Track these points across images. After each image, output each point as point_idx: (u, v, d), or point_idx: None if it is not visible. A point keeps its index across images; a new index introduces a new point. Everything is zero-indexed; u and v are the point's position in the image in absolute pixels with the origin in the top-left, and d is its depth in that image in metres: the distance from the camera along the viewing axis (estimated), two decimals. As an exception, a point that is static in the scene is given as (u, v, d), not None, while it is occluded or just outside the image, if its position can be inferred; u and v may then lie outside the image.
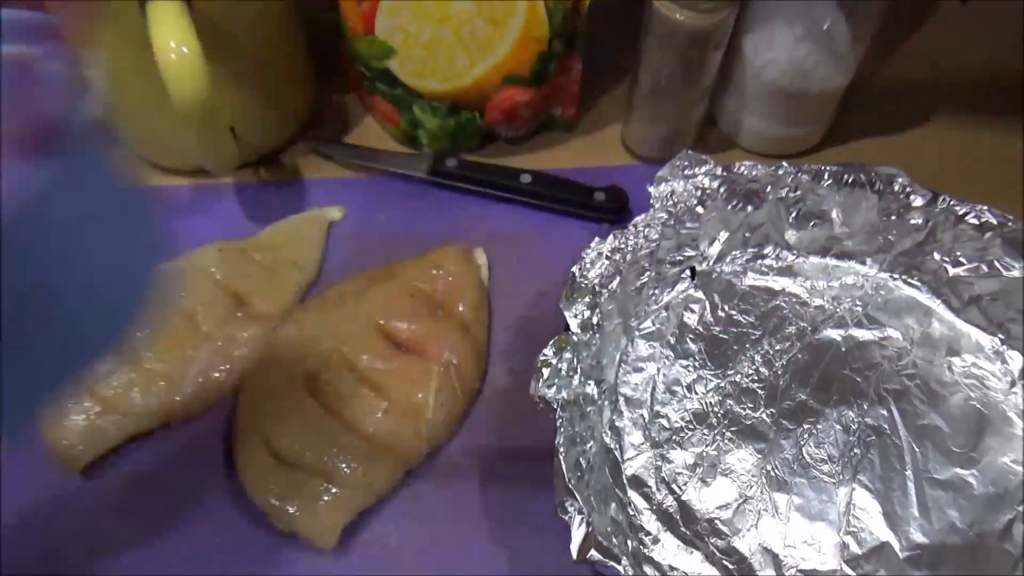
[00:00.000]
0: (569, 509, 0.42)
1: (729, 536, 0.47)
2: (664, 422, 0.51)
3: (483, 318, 0.56)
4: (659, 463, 0.49)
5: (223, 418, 0.52)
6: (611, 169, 0.66)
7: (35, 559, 0.46)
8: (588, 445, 0.45)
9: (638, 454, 0.50)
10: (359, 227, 0.62)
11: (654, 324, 0.55)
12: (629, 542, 0.44)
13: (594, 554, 0.41)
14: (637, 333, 0.54)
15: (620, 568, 0.40)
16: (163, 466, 0.50)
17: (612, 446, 0.49)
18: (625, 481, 0.49)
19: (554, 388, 0.46)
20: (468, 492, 0.49)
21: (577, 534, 0.42)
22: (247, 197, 0.64)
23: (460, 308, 0.55)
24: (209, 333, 0.53)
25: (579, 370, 0.47)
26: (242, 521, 0.47)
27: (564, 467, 0.43)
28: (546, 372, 0.46)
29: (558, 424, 0.44)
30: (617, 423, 0.51)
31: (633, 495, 0.48)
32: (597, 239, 0.52)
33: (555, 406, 0.45)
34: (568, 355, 0.47)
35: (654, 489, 0.48)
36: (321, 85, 0.68)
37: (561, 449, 0.43)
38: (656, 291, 0.55)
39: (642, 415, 0.51)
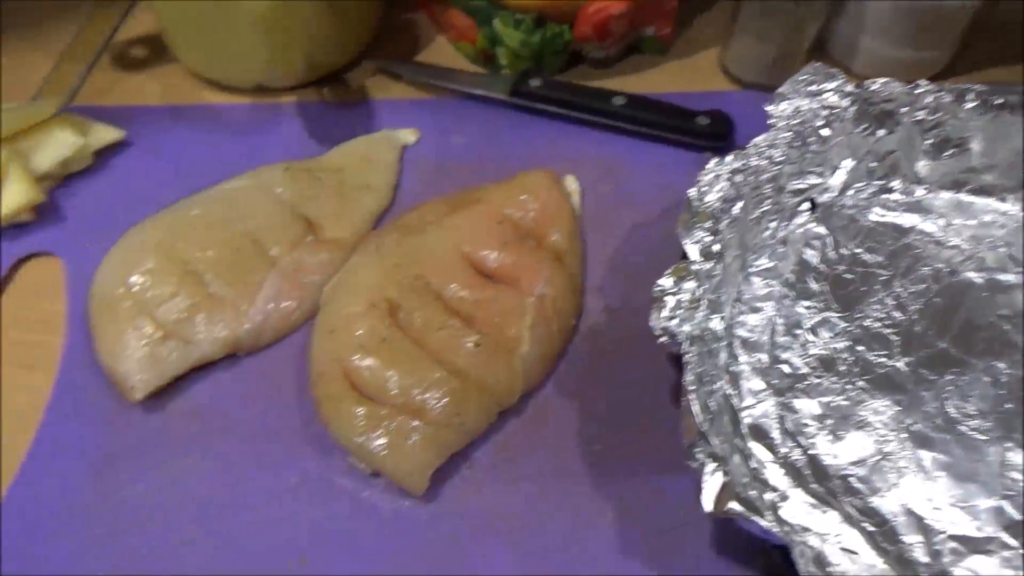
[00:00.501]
0: (698, 455, 0.37)
1: (867, 495, 0.41)
2: (786, 368, 0.45)
3: (578, 248, 0.50)
4: (782, 412, 0.44)
5: (294, 350, 0.47)
6: (707, 96, 0.60)
7: (91, 494, 0.41)
8: (716, 385, 0.40)
9: (758, 402, 0.44)
10: (433, 151, 0.57)
11: (770, 260, 0.49)
12: (765, 495, 0.39)
13: (733, 506, 0.35)
14: (752, 269, 0.48)
15: (763, 522, 0.35)
16: (230, 399, 0.45)
17: (729, 392, 0.44)
18: (745, 430, 0.43)
19: (676, 320, 0.40)
20: (566, 438, 0.44)
21: (712, 483, 0.36)
22: (311, 118, 0.58)
23: (553, 237, 0.49)
24: (278, 258, 0.48)
25: (703, 302, 0.41)
26: (320, 460, 0.43)
27: (696, 408, 0.37)
28: (670, 303, 0.40)
29: (686, 361, 0.39)
30: (732, 367, 0.45)
31: (755, 446, 0.42)
32: (715, 159, 0.46)
33: (680, 339, 0.39)
34: (690, 285, 0.42)
35: (778, 441, 0.43)
36: (387, 2, 0.62)
37: (691, 388, 0.38)
38: (773, 223, 0.49)
39: (760, 359, 0.45)
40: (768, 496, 0.39)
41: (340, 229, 0.50)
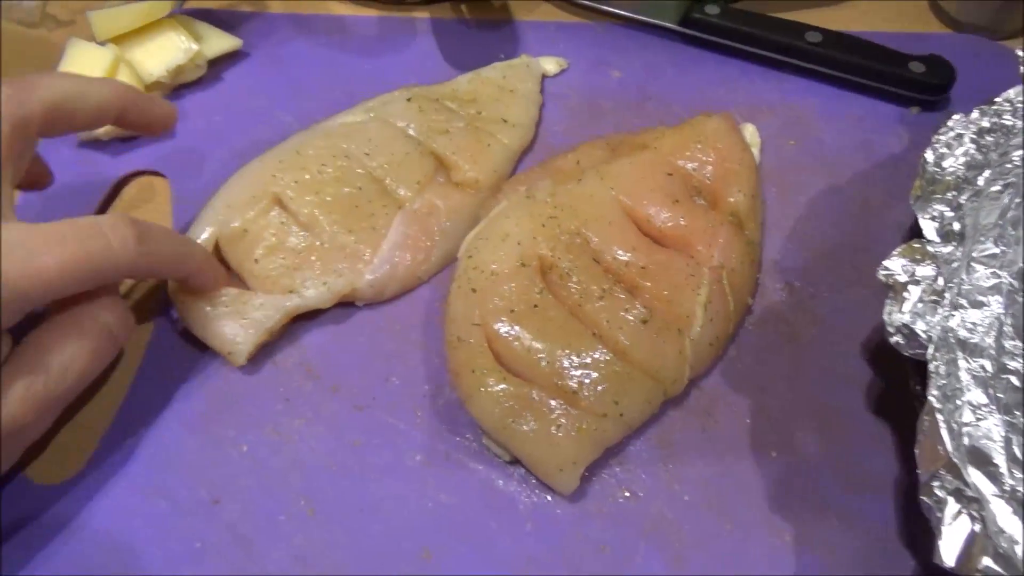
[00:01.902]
0: (938, 492, 0.29)
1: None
2: (1015, 379, 0.36)
3: (759, 213, 0.42)
4: (1009, 434, 0.35)
5: (421, 305, 0.41)
6: (914, 38, 0.50)
7: (189, 452, 0.36)
8: (961, 402, 0.32)
9: (978, 419, 0.36)
10: (584, 85, 0.49)
11: (998, 245, 0.39)
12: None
13: (988, 564, 0.28)
14: (976, 254, 0.39)
15: (1025, 587, 0.27)
16: (345, 356, 0.39)
17: (958, 386, 0.36)
18: (962, 453, 0.35)
19: (909, 316, 0.32)
20: (736, 440, 0.37)
21: (955, 530, 0.29)
22: (445, 36, 0.51)
23: (732, 197, 0.41)
24: (404, 201, 0.41)
25: (946, 296, 0.33)
26: (450, 437, 0.37)
27: (944, 432, 0.30)
28: (913, 293, 0.32)
29: (931, 371, 0.31)
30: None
31: (973, 474, 0.34)
32: (957, 116, 0.37)
33: (924, 342, 0.31)
34: (926, 271, 0.33)
35: (1003, 469, 0.35)
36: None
37: (938, 406, 0.30)
38: (1006, 198, 0.40)
39: (983, 366, 0.37)
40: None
41: (476, 169, 0.43)
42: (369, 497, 0.35)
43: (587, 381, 0.35)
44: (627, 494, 0.36)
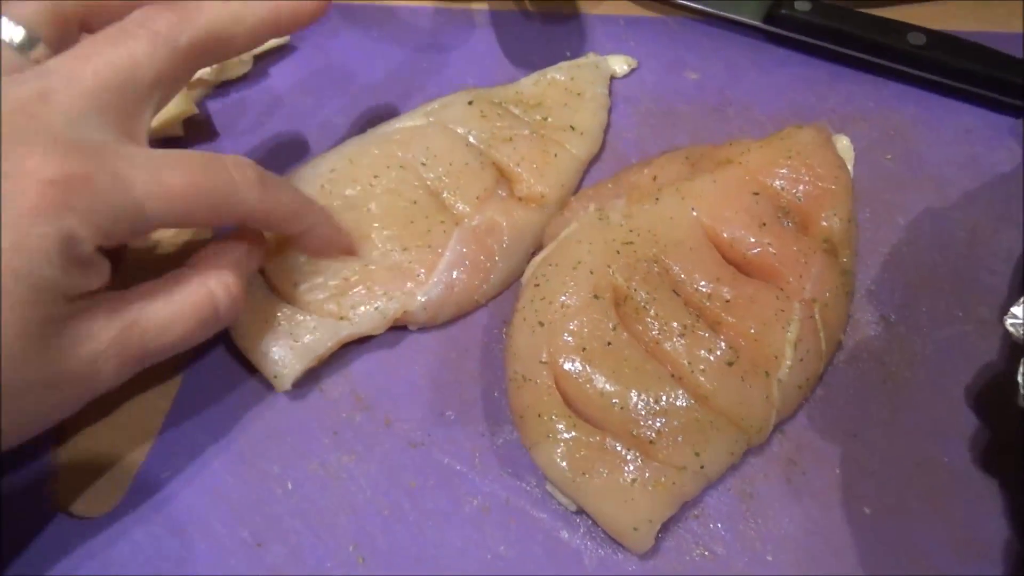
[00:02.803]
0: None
1: None
2: None
3: (855, 237, 0.38)
4: None
5: (479, 332, 0.38)
6: (1025, 39, 0.45)
7: (231, 486, 0.34)
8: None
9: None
10: (657, 87, 0.45)
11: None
12: None
13: None
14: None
15: None
16: (398, 385, 0.36)
17: None
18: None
19: (1045, 374, 0.28)
20: (825, 493, 0.34)
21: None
22: (506, 30, 0.47)
23: (826, 221, 0.37)
24: (462, 217, 0.38)
25: (1083, 350, 0.29)
26: (511, 482, 0.34)
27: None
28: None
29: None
30: None
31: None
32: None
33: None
34: (1061, 321, 0.29)
35: None
36: None
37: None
38: None
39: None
40: None
41: (542, 182, 0.39)
42: (424, 546, 0.33)
43: (665, 430, 0.31)
44: (705, 552, 0.32)
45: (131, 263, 0.38)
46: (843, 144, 0.40)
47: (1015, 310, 0.30)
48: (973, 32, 0.44)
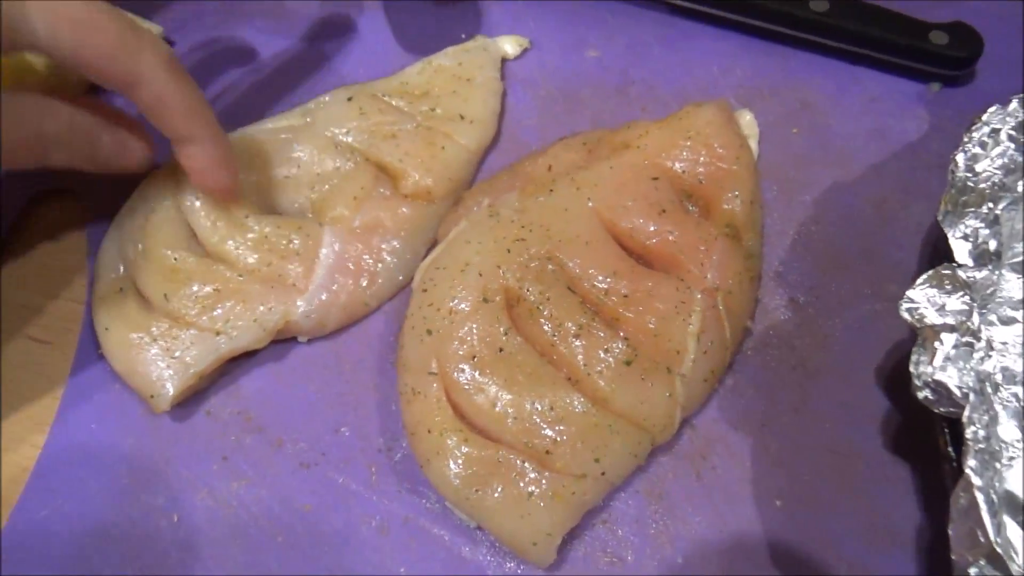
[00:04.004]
0: (975, 578, 0.25)
1: None
2: (1053, 409, 0.32)
3: (759, 219, 0.37)
4: (1047, 475, 0.31)
5: (373, 337, 0.36)
6: (939, 5, 0.43)
7: (113, 518, 0.32)
8: (1005, 463, 0.27)
9: (1012, 458, 0.31)
10: (557, 68, 0.43)
11: (1032, 249, 0.34)
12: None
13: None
14: (1008, 262, 0.34)
15: None
16: (288, 401, 0.34)
17: (997, 448, 0.31)
18: (993, 498, 0.30)
19: (941, 368, 0.27)
20: (735, 488, 0.33)
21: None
22: (399, 18, 0.45)
23: (727, 204, 0.36)
24: (340, 219, 0.36)
25: (981, 334, 0.28)
26: (409, 499, 0.32)
27: (985, 513, 0.25)
28: (946, 341, 0.27)
29: (968, 434, 0.26)
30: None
31: (1007, 524, 0.30)
32: (993, 108, 0.32)
33: (959, 400, 0.26)
34: (957, 304, 0.28)
35: (1040, 517, 0.30)
36: None
37: (976, 480, 0.25)
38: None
39: (1016, 395, 0.32)
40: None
41: (428, 176, 0.37)
42: (320, 572, 0.31)
43: (563, 438, 0.30)
44: (614, 559, 0.31)
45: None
46: (746, 120, 0.39)
47: (911, 294, 0.29)
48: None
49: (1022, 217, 0.32)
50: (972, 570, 0.25)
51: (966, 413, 0.26)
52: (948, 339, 0.27)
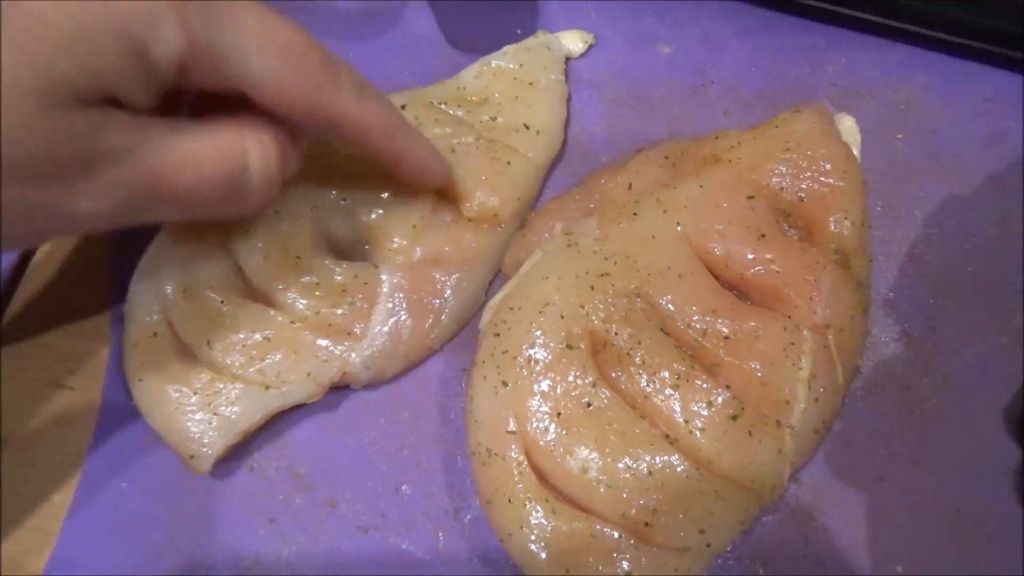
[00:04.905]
0: None
1: None
2: None
3: (868, 241, 0.32)
4: None
5: (437, 382, 0.32)
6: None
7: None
8: None
9: None
10: (625, 67, 0.38)
11: None
12: None
13: None
14: None
15: None
16: (341, 455, 0.31)
17: None
18: None
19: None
20: (851, 552, 0.29)
21: None
22: (446, 11, 0.40)
23: (835, 226, 0.31)
24: (398, 252, 0.32)
25: None
26: (482, 570, 0.28)
27: None
28: None
29: None
30: None
31: None
32: None
33: None
34: None
35: None
36: None
37: None
38: None
39: None
40: None
41: (493, 196, 0.33)
42: (383, 654, 0.28)
43: (663, 507, 0.26)
44: (713, 638, 0.28)
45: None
46: (847, 126, 0.35)
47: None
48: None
49: None
50: None
51: None
52: None
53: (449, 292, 0.32)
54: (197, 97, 0.28)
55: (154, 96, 0.24)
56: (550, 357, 0.27)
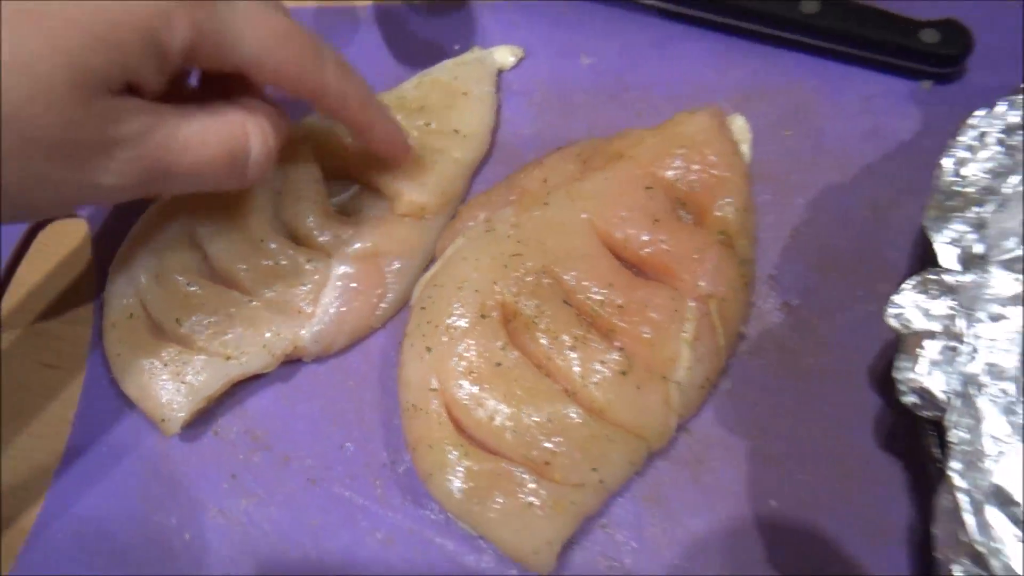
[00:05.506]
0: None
1: None
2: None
3: (752, 225, 0.37)
4: (1038, 470, 0.31)
5: (378, 355, 0.36)
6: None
7: (129, 538, 0.33)
8: (987, 465, 0.28)
9: (1000, 452, 0.32)
10: (552, 75, 0.43)
11: (1021, 246, 0.35)
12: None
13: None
14: (997, 259, 0.34)
15: None
16: (295, 421, 0.35)
17: (982, 448, 0.31)
18: (980, 495, 0.31)
19: (929, 370, 0.28)
20: (732, 489, 0.33)
21: (981, 626, 0.25)
22: (391, 27, 0.45)
23: (720, 209, 0.36)
24: (346, 243, 0.36)
25: (967, 338, 0.28)
26: (413, 511, 0.33)
27: (968, 516, 0.26)
28: (929, 348, 0.28)
29: (952, 438, 0.27)
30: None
31: (993, 516, 0.30)
32: (982, 111, 0.32)
33: (942, 404, 0.27)
34: (942, 308, 0.29)
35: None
36: None
37: (959, 481, 0.26)
38: (1035, 193, 0.35)
39: (1005, 390, 0.32)
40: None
41: (423, 193, 0.37)
42: (329, 584, 0.32)
43: (561, 449, 0.31)
44: (613, 563, 0.32)
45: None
46: (739, 125, 0.39)
47: (897, 299, 0.29)
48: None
49: (1011, 216, 0.33)
50: (956, 569, 0.25)
51: (948, 417, 0.27)
52: (932, 345, 0.28)
53: (390, 277, 0.37)
54: (202, 80, 0.33)
55: (167, 79, 0.28)
56: (467, 325, 0.32)
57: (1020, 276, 0.33)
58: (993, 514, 0.27)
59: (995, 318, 0.33)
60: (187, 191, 0.31)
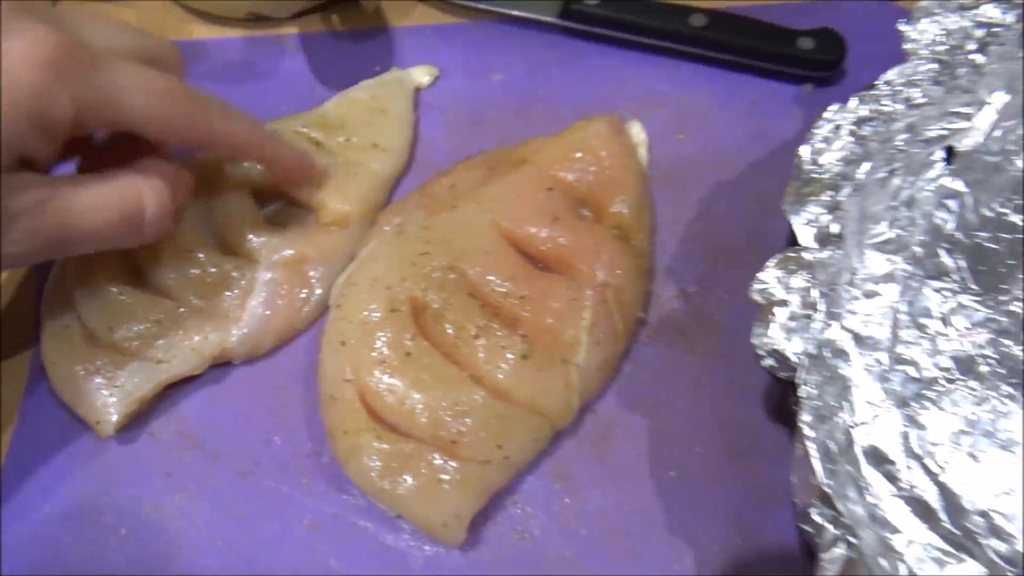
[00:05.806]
0: (817, 518, 0.28)
1: (1015, 538, 0.32)
2: (911, 370, 0.35)
3: (647, 220, 0.40)
4: (907, 429, 0.34)
5: (303, 354, 0.39)
6: (817, 6, 0.47)
7: (66, 543, 0.35)
8: (840, 419, 0.31)
9: (875, 416, 0.35)
10: (464, 92, 0.46)
11: (891, 228, 0.38)
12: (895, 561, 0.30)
13: (867, 594, 0.27)
14: (869, 241, 0.38)
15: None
16: (225, 420, 0.37)
17: (835, 404, 0.35)
18: (858, 453, 0.34)
19: (785, 335, 0.31)
20: (634, 463, 0.36)
21: (833, 558, 0.28)
22: (315, 53, 0.48)
23: (616, 206, 0.39)
24: (272, 251, 0.39)
25: (820, 305, 0.31)
26: (335, 497, 0.35)
27: (816, 463, 0.28)
28: (780, 314, 0.31)
29: (801, 394, 0.29)
30: (842, 370, 0.35)
31: (870, 474, 0.33)
32: (836, 106, 0.35)
33: (794, 364, 0.30)
34: (800, 282, 0.32)
35: (901, 467, 0.34)
36: None
37: (809, 433, 0.29)
38: (897, 180, 0.38)
39: (878, 360, 0.36)
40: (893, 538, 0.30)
41: (343, 203, 0.40)
42: (258, 571, 0.34)
43: (467, 428, 0.33)
44: (524, 535, 0.34)
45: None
46: (635, 130, 0.43)
47: (761, 276, 0.32)
48: (761, 5, 0.46)
49: (876, 201, 0.36)
50: (811, 510, 0.28)
51: (799, 375, 0.30)
52: (782, 312, 0.31)
53: (314, 281, 0.39)
54: (102, 145, 0.35)
55: (58, 147, 0.30)
56: (378, 319, 0.35)
57: (891, 256, 0.37)
58: (861, 466, 0.30)
59: (869, 295, 0.36)
60: (91, 251, 0.33)
